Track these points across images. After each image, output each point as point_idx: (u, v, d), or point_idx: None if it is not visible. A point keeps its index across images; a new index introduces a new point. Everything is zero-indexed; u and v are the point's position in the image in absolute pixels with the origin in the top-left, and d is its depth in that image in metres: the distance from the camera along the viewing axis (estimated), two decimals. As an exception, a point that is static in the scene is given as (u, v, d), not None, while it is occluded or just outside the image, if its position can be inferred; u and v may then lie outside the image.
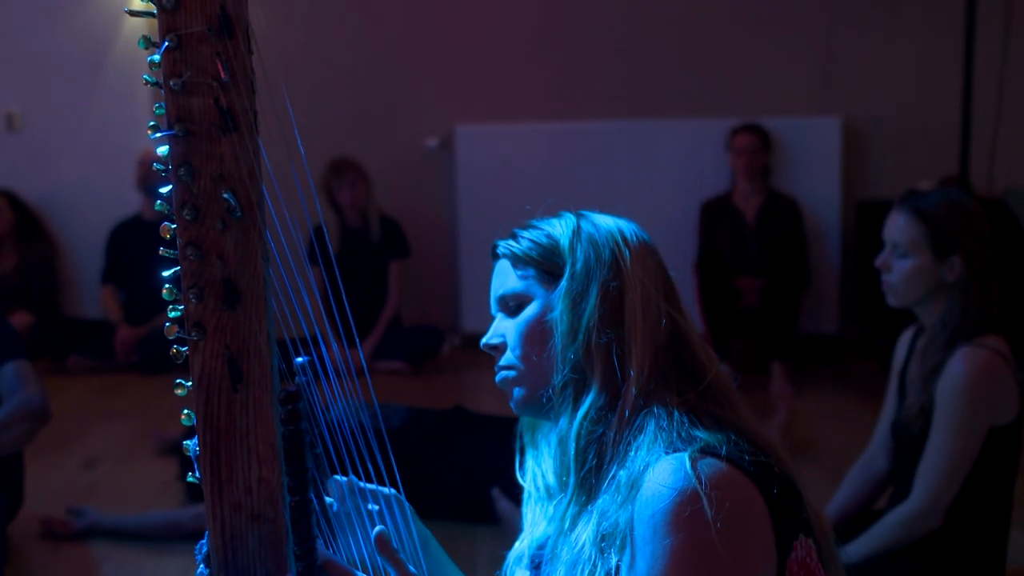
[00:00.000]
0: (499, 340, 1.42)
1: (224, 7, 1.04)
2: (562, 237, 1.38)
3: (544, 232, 1.40)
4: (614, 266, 1.33)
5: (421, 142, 6.23)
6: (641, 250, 1.36)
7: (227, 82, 1.05)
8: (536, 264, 1.39)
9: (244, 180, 1.06)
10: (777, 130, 5.86)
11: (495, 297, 1.44)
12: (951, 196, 2.44)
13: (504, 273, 1.43)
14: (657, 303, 1.33)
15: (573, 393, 1.31)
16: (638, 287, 1.32)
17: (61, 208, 6.41)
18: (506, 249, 1.43)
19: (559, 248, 1.37)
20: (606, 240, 1.36)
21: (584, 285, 1.33)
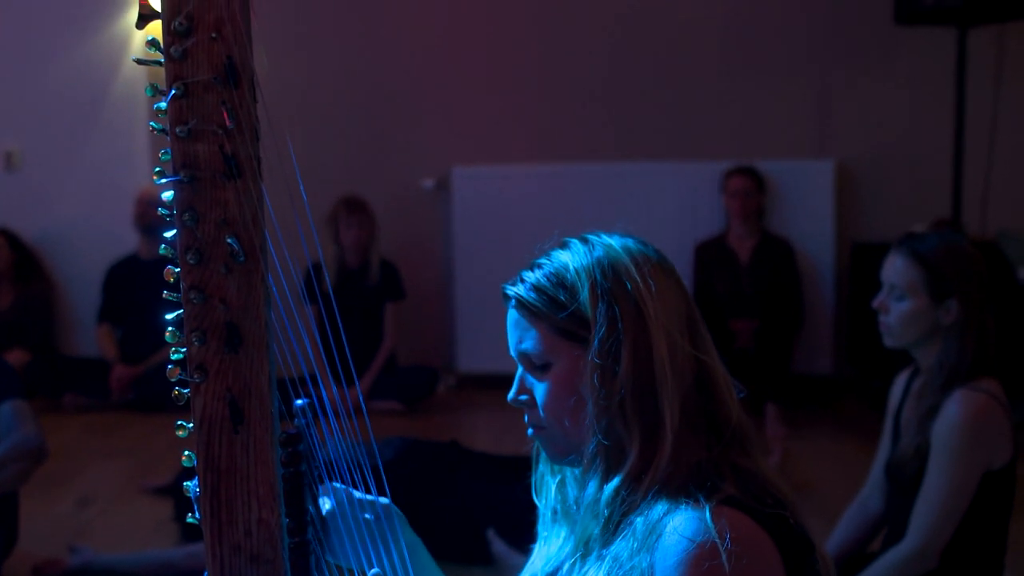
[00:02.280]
0: (526, 397, 1.38)
1: (231, 57, 1.06)
2: (581, 289, 1.32)
3: (556, 279, 1.35)
4: (639, 320, 1.29)
5: (418, 183, 6.26)
6: (660, 287, 1.32)
7: (232, 129, 1.07)
8: (555, 323, 1.33)
9: (247, 225, 1.08)
10: (771, 173, 5.90)
11: (514, 352, 1.39)
12: (948, 239, 2.47)
13: (520, 326, 1.37)
14: (683, 348, 1.30)
15: (606, 460, 1.29)
16: (663, 338, 1.29)
17: (58, 246, 6.42)
18: (518, 299, 1.37)
19: (579, 307, 1.31)
20: (628, 289, 1.30)
21: (613, 352, 1.28)
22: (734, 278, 5.73)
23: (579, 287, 1.32)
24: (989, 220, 5.77)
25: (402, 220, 6.27)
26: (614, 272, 1.32)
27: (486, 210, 6.10)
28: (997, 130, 5.72)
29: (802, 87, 6.09)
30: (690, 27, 6.12)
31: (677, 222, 5.98)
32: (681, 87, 6.14)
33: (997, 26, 5.58)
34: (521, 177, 6.14)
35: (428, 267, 6.34)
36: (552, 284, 1.34)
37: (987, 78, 5.68)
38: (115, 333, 6.17)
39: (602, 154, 6.15)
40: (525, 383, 1.39)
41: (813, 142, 6.10)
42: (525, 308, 1.36)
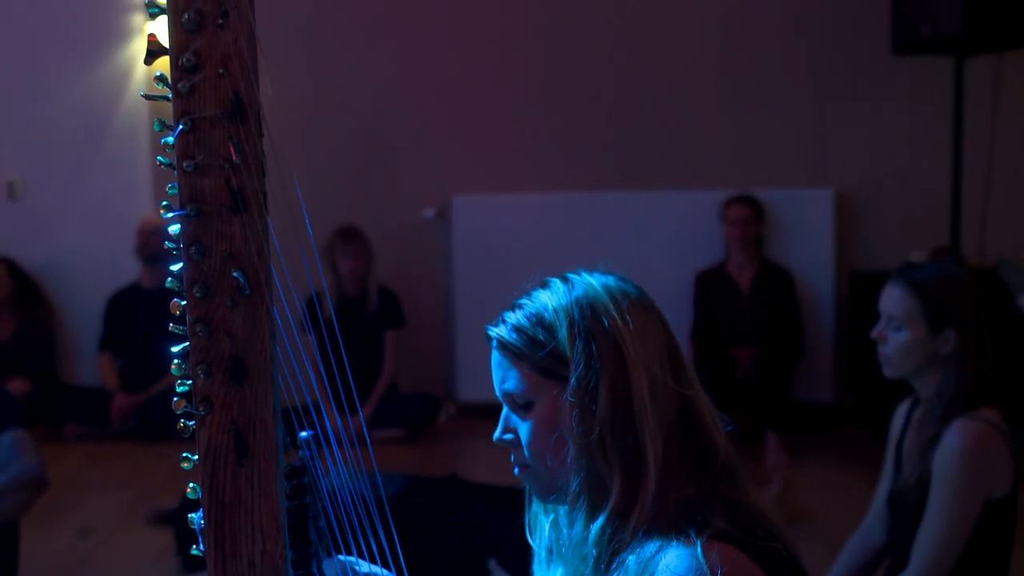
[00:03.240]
0: (511, 437, 1.40)
1: (237, 93, 1.07)
2: (559, 328, 1.33)
3: (536, 319, 1.36)
4: (618, 358, 1.30)
5: (419, 212, 6.28)
6: (640, 323, 1.33)
7: (239, 164, 1.08)
8: (535, 362, 1.34)
9: (253, 259, 1.09)
10: (770, 201, 5.93)
11: (498, 392, 1.41)
12: (946, 269, 2.48)
13: (502, 366, 1.39)
14: (664, 383, 1.31)
15: (590, 498, 1.29)
16: (644, 375, 1.29)
17: (60, 275, 6.44)
18: (499, 340, 1.38)
19: (558, 346, 1.32)
20: (605, 327, 1.31)
21: (591, 389, 1.29)
22: (734, 306, 5.74)
23: (557, 325, 1.33)
24: (988, 248, 5.79)
25: (403, 249, 6.28)
26: (592, 310, 1.33)
27: (487, 239, 6.12)
28: (995, 158, 5.75)
29: (801, 116, 6.13)
30: (690, 56, 6.16)
31: (677, 251, 5.99)
32: (681, 116, 6.17)
33: (994, 55, 5.61)
34: (521, 206, 6.16)
35: (429, 296, 6.36)
36: (532, 324, 1.36)
37: (984, 107, 5.71)
38: (116, 362, 6.17)
39: (603, 183, 6.18)
40: (509, 423, 1.41)
41: (812, 171, 6.13)
42: (506, 348, 1.37)
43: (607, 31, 6.20)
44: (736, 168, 6.11)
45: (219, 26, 1.07)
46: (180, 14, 1.07)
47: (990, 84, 5.75)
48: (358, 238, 5.86)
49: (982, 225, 5.74)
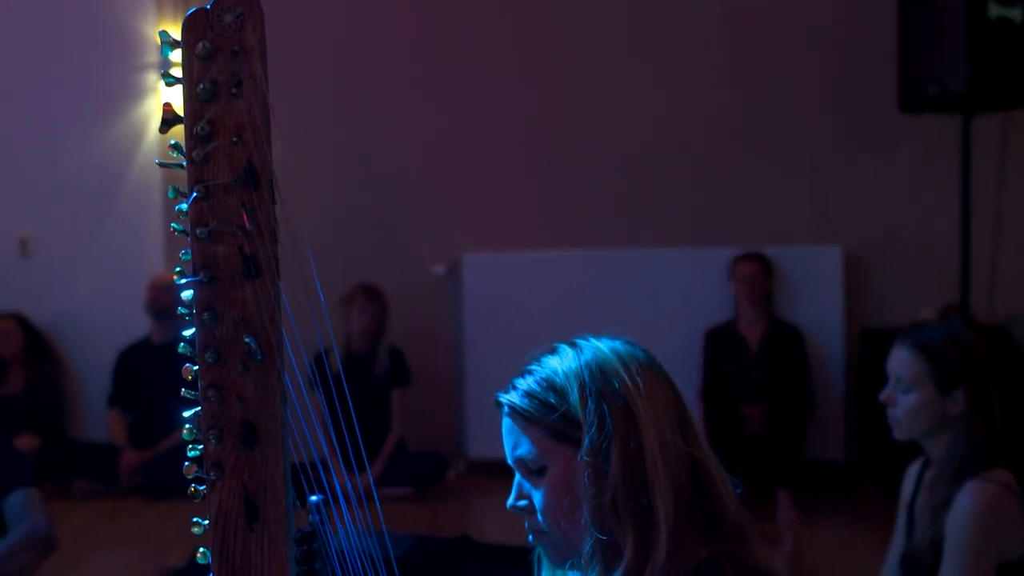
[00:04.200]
0: (525, 503, 1.41)
1: (251, 160, 1.09)
2: (570, 392, 1.34)
3: (546, 384, 1.37)
4: (629, 419, 1.31)
5: (429, 269, 6.30)
6: (649, 385, 1.34)
7: (251, 231, 1.10)
8: (547, 426, 1.36)
9: (265, 324, 1.11)
10: (779, 258, 5.93)
11: (511, 458, 1.41)
12: (953, 329, 2.48)
13: (514, 432, 1.40)
14: (674, 444, 1.32)
15: (603, 559, 1.30)
16: (654, 436, 1.31)
17: (71, 331, 6.46)
18: (511, 407, 1.39)
19: (570, 409, 1.34)
20: (616, 389, 1.33)
21: (603, 449, 1.30)
22: (744, 364, 5.74)
23: (568, 389, 1.35)
24: (997, 305, 5.78)
25: (413, 306, 6.29)
26: (602, 372, 1.34)
27: (496, 296, 6.13)
28: (1003, 215, 5.76)
29: (810, 173, 6.15)
30: (699, 115, 6.20)
31: (686, 308, 6.00)
32: (689, 174, 6.20)
33: (1001, 113, 5.64)
34: (531, 264, 6.18)
35: (438, 353, 6.36)
36: (542, 388, 1.37)
37: (992, 164, 5.73)
38: (125, 418, 6.17)
39: (612, 241, 6.20)
40: (523, 489, 1.41)
41: (821, 228, 6.14)
42: (518, 414, 1.39)
43: (617, 91, 6.24)
44: (745, 225, 6.12)
45: (233, 95, 1.10)
46: (195, 84, 1.10)
47: (998, 142, 5.77)
48: (378, 298, 5.87)
49: (991, 282, 5.73)
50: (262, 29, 1.11)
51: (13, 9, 6.40)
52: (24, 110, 6.43)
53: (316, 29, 6.27)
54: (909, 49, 5.40)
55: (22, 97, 6.42)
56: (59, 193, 6.42)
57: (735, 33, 6.18)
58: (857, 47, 6.08)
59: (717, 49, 6.19)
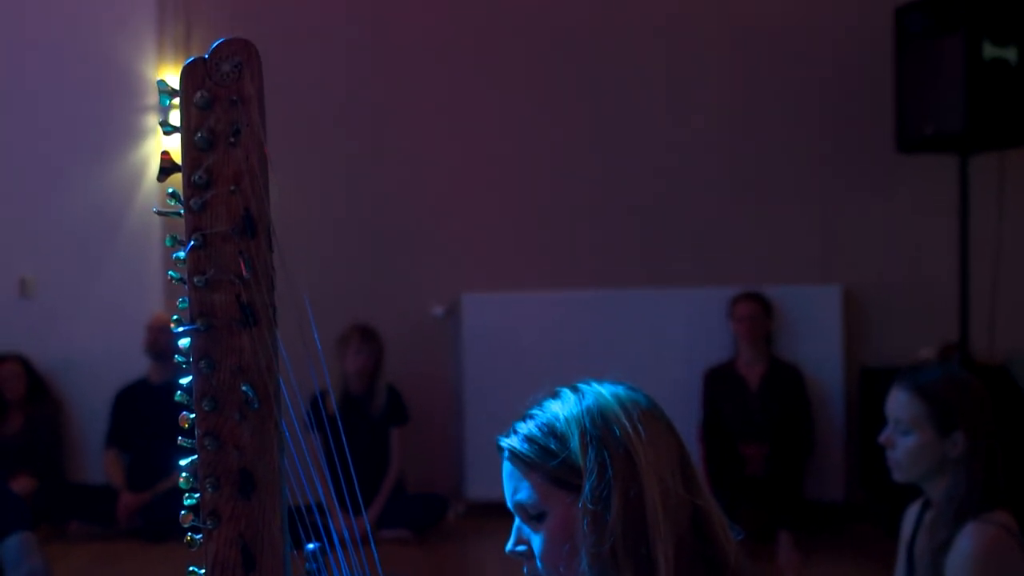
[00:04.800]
0: (524, 548, 1.40)
1: (248, 209, 1.10)
2: (571, 438, 1.34)
3: (547, 429, 1.37)
4: (630, 467, 1.30)
5: (428, 310, 6.30)
6: (651, 432, 1.34)
7: (248, 279, 1.10)
8: (547, 472, 1.35)
9: (262, 372, 1.11)
10: (778, 298, 5.94)
11: (510, 503, 1.41)
12: (951, 371, 2.49)
13: (514, 477, 1.40)
14: (676, 492, 1.32)
15: None
16: (655, 484, 1.30)
17: (69, 372, 6.45)
18: (511, 451, 1.39)
19: (570, 455, 1.33)
20: (617, 436, 1.32)
21: (604, 497, 1.30)
22: (744, 404, 5.73)
23: (569, 435, 1.34)
24: (997, 344, 5.77)
25: (412, 346, 6.29)
26: (603, 419, 1.34)
27: (496, 337, 6.13)
28: (1002, 254, 5.77)
29: (808, 213, 6.17)
30: (696, 155, 6.23)
31: (686, 348, 6.00)
32: (688, 214, 6.21)
33: (998, 153, 5.66)
34: (530, 304, 6.18)
35: (438, 394, 6.34)
36: (543, 434, 1.37)
37: (990, 203, 5.74)
38: (122, 459, 6.15)
39: (611, 281, 6.20)
40: (522, 534, 1.41)
41: (820, 267, 6.15)
42: (518, 459, 1.38)
43: (616, 133, 6.26)
44: (744, 265, 6.13)
45: (231, 144, 1.10)
46: (193, 132, 1.10)
47: (995, 180, 5.79)
48: (374, 338, 5.86)
49: (991, 320, 5.73)
50: (260, 77, 1.12)
51: (14, 50, 6.43)
52: (24, 151, 6.45)
53: (314, 72, 6.30)
54: (906, 89, 5.44)
55: (22, 137, 6.44)
56: (59, 234, 6.42)
57: (734, 74, 6.21)
58: (854, 88, 6.12)
59: (715, 90, 6.22)
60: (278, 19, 6.27)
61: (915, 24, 5.42)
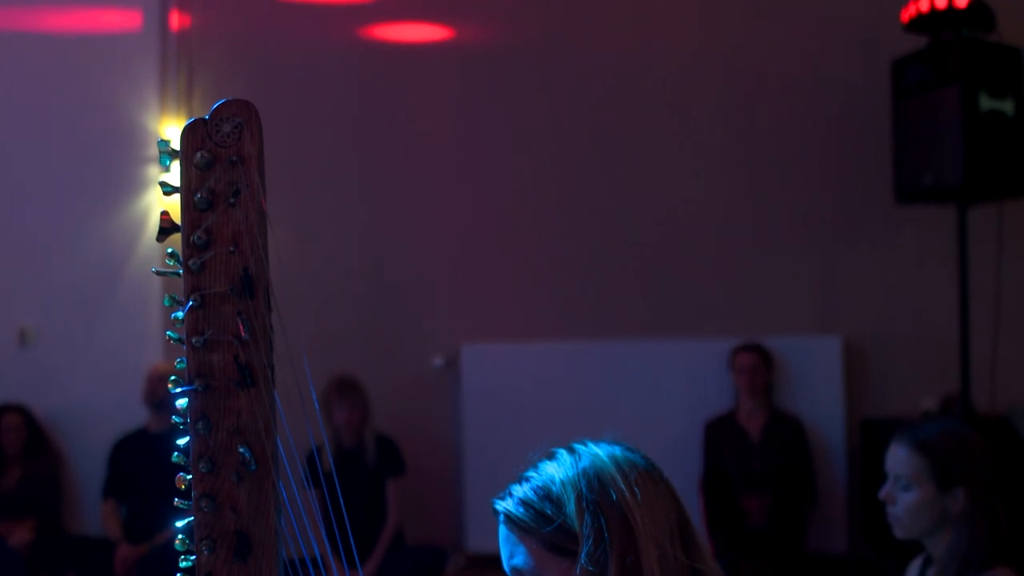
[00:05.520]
0: None
1: (247, 269, 1.10)
2: (567, 503, 1.32)
3: (543, 493, 1.35)
4: (627, 532, 1.28)
5: (427, 360, 6.29)
6: (648, 495, 1.32)
7: (247, 339, 1.10)
8: (543, 537, 1.33)
9: (260, 433, 1.10)
10: (778, 349, 5.93)
11: (507, 566, 1.39)
12: (950, 426, 2.48)
13: (510, 541, 1.38)
14: (674, 556, 1.30)
15: None
16: (653, 550, 1.28)
17: (68, 422, 6.42)
18: (507, 515, 1.38)
19: (566, 520, 1.31)
20: (613, 500, 1.30)
21: (601, 563, 1.28)
22: (745, 456, 5.70)
23: (565, 500, 1.32)
24: (999, 395, 5.76)
25: (412, 397, 6.28)
26: (600, 483, 1.32)
27: (495, 388, 6.12)
28: (1002, 305, 5.77)
29: (808, 264, 6.18)
30: (696, 206, 6.25)
31: (686, 399, 5.98)
32: (688, 266, 6.23)
33: (996, 203, 5.68)
34: (530, 355, 6.18)
35: (437, 445, 6.32)
36: (539, 497, 1.35)
37: (989, 253, 5.75)
38: (120, 510, 6.11)
39: (611, 332, 6.20)
40: None
41: (820, 318, 6.15)
42: (513, 523, 1.37)
43: (615, 185, 6.29)
44: (744, 316, 6.14)
45: (230, 204, 1.11)
46: (193, 193, 1.11)
47: (994, 231, 5.80)
48: (354, 389, 5.83)
49: (992, 372, 5.72)
50: (260, 137, 1.13)
51: (15, 98, 6.46)
52: (25, 201, 6.47)
53: (315, 123, 6.34)
54: (903, 141, 5.47)
55: (23, 187, 6.46)
56: (59, 284, 6.43)
57: (733, 126, 6.25)
58: (853, 139, 6.15)
59: (715, 142, 6.26)
60: (281, 71, 6.32)
61: (912, 76, 5.47)
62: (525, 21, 6.36)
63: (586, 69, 6.33)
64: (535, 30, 6.36)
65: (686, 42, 6.28)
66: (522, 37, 6.37)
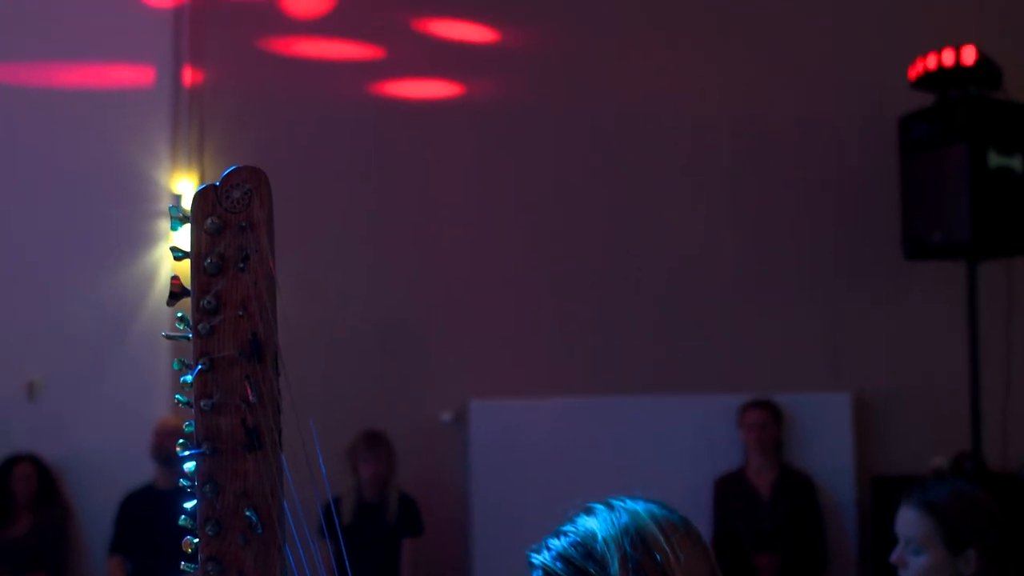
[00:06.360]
0: None
1: (255, 333, 1.11)
2: (611, 561, 1.29)
3: (584, 549, 1.32)
4: None
5: (435, 416, 6.28)
6: (689, 558, 1.30)
7: (254, 403, 1.10)
8: None
9: (266, 497, 1.11)
10: (788, 405, 5.91)
11: None
12: (959, 486, 2.47)
13: None
14: None
15: None
16: None
17: (76, 475, 6.40)
18: (544, 569, 1.33)
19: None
20: (657, 562, 1.28)
21: None
22: (754, 513, 5.67)
23: (609, 559, 1.29)
24: (1010, 451, 5.73)
25: (420, 454, 6.25)
26: (644, 543, 1.30)
27: (505, 443, 6.09)
28: (1012, 361, 5.76)
29: (817, 321, 6.17)
30: (704, 262, 6.25)
31: (695, 455, 5.95)
32: (697, 322, 6.22)
33: (1005, 260, 5.69)
34: (539, 410, 6.16)
35: (446, 502, 6.28)
36: (580, 555, 1.31)
37: (999, 309, 5.76)
38: (126, 566, 6.08)
39: (620, 387, 6.18)
40: None
41: (829, 375, 6.13)
42: None
43: (624, 240, 6.30)
44: (753, 372, 6.12)
45: (240, 269, 1.12)
46: (203, 258, 1.12)
47: (1003, 287, 5.81)
48: (382, 443, 5.83)
49: (1003, 428, 5.70)
50: (270, 203, 1.14)
51: (28, 152, 6.50)
52: (35, 253, 6.49)
53: (322, 178, 6.37)
54: (911, 197, 5.49)
55: (31, 240, 6.48)
56: (68, 337, 6.44)
57: (741, 180, 6.28)
58: (861, 195, 6.17)
59: (722, 196, 6.28)
60: (292, 126, 6.36)
61: (920, 133, 5.50)
62: (535, 77, 6.41)
63: (595, 126, 6.36)
64: (545, 86, 6.41)
65: (695, 99, 6.32)
66: (532, 93, 6.42)
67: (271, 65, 6.46)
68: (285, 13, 6.40)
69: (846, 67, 6.24)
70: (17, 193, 6.50)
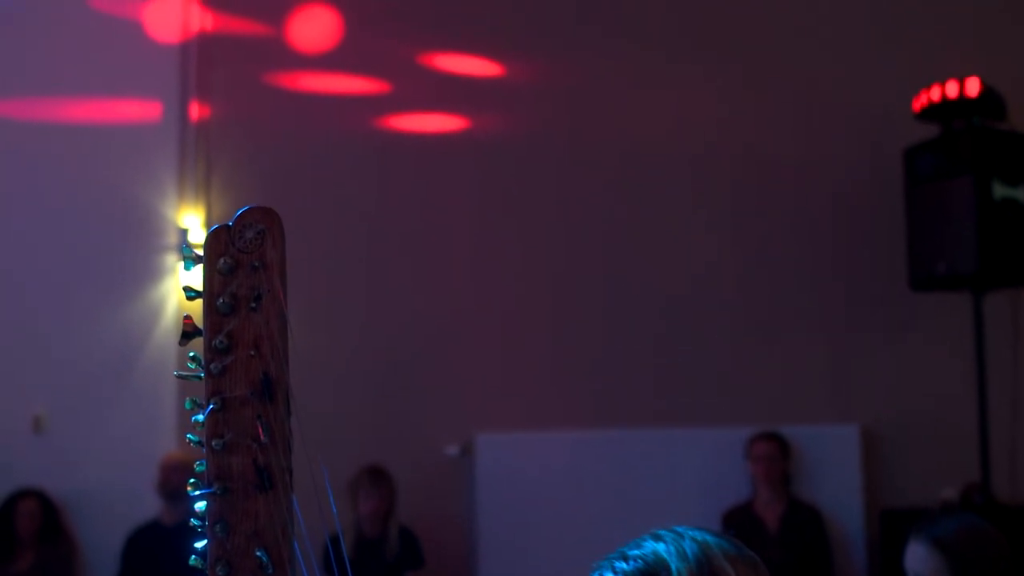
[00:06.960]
0: None
1: (267, 373, 1.11)
2: None
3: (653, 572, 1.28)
4: None
5: (441, 449, 6.26)
6: None
7: (266, 443, 1.11)
8: None
9: (277, 537, 1.11)
10: (795, 438, 5.89)
11: None
12: (968, 521, 2.46)
13: None
14: None
15: None
16: None
17: (81, 509, 6.39)
18: None
19: None
20: None
21: None
22: (762, 546, 5.63)
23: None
24: (1019, 482, 5.71)
25: (426, 488, 6.22)
26: (712, 571, 1.27)
27: (511, 477, 6.08)
28: (1019, 391, 5.74)
29: (824, 353, 6.16)
30: (711, 295, 6.25)
31: (703, 488, 5.93)
32: (703, 353, 6.21)
33: (1011, 290, 5.68)
34: (545, 444, 6.14)
35: (452, 536, 6.25)
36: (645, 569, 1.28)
37: (1006, 340, 5.75)
38: (132, 603, 6.06)
39: (627, 421, 6.17)
40: None
41: (837, 407, 6.12)
42: None
43: (631, 273, 6.30)
44: (760, 405, 6.11)
45: (252, 309, 1.12)
46: (215, 297, 1.13)
47: (1010, 318, 5.80)
48: (385, 480, 5.81)
49: (1012, 459, 5.68)
50: (282, 243, 1.15)
51: (35, 186, 6.53)
52: (41, 288, 6.50)
53: (328, 210, 6.38)
54: (917, 229, 5.50)
55: (39, 274, 6.50)
56: (74, 371, 6.44)
57: (746, 214, 6.28)
58: (866, 227, 6.18)
59: (727, 230, 6.29)
60: (298, 160, 6.39)
61: (925, 165, 5.51)
62: (540, 112, 6.44)
63: (599, 160, 6.38)
64: (550, 121, 6.43)
65: (699, 132, 6.34)
66: (537, 128, 6.44)
67: (277, 100, 6.49)
68: (291, 48, 6.44)
69: (851, 99, 6.26)
70: (24, 227, 6.52)
